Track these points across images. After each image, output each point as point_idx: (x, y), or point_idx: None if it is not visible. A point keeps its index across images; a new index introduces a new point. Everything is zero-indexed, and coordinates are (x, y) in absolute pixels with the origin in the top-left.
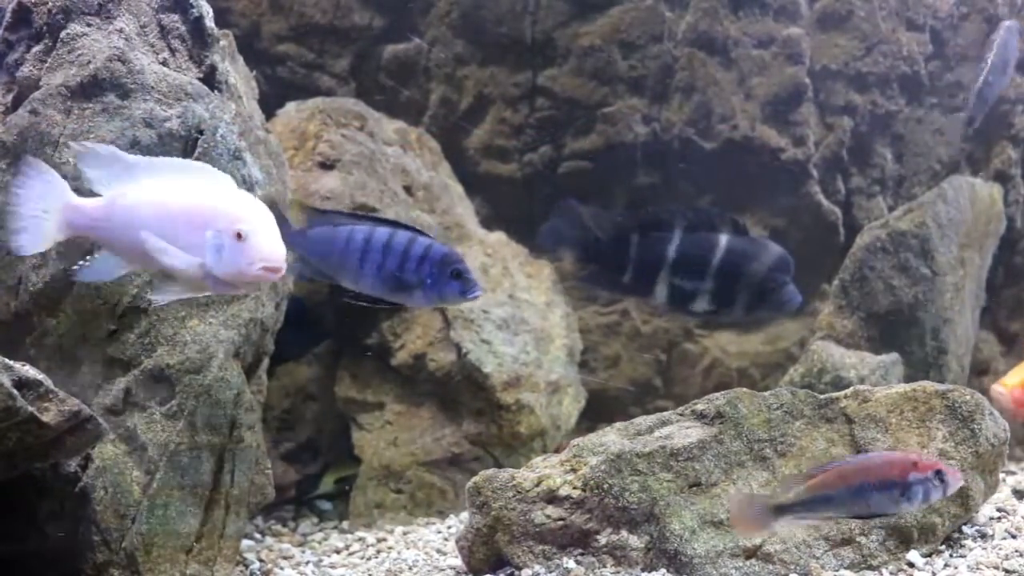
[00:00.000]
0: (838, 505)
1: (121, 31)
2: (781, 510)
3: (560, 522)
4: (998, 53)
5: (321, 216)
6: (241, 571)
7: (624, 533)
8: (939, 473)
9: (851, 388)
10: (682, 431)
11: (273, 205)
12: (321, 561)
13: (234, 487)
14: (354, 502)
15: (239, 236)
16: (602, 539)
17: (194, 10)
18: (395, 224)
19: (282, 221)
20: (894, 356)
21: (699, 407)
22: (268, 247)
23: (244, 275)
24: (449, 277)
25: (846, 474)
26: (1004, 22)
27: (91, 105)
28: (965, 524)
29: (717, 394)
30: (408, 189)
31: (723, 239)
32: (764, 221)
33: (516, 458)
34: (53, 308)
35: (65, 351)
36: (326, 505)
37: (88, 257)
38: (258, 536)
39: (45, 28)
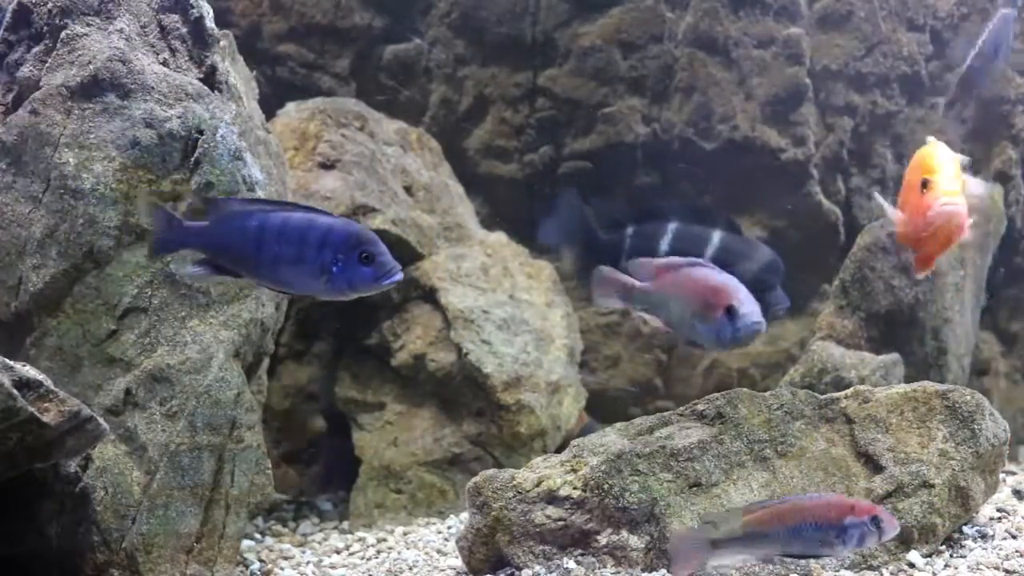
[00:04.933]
0: (773, 542)
1: (121, 31)
2: (718, 544)
3: (560, 522)
4: (988, 39)
5: (215, 207)
6: (241, 571)
7: (624, 533)
8: (875, 519)
9: (851, 388)
10: (682, 431)
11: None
12: (321, 561)
13: (234, 487)
14: (354, 502)
15: None
16: (602, 539)
17: (194, 10)
18: (294, 206)
19: (169, 217)
20: (894, 356)
21: (699, 407)
22: None
23: None
24: (358, 262)
25: (783, 513)
26: (1001, 9)
27: (91, 105)
28: (965, 524)
29: (717, 394)
30: (408, 189)
31: (715, 237)
32: (764, 221)
33: (516, 458)
34: (53, 308)
35: (65, 351)
36: (326, 505)
37: None
38: (258, 536)
39: (45, 28)
